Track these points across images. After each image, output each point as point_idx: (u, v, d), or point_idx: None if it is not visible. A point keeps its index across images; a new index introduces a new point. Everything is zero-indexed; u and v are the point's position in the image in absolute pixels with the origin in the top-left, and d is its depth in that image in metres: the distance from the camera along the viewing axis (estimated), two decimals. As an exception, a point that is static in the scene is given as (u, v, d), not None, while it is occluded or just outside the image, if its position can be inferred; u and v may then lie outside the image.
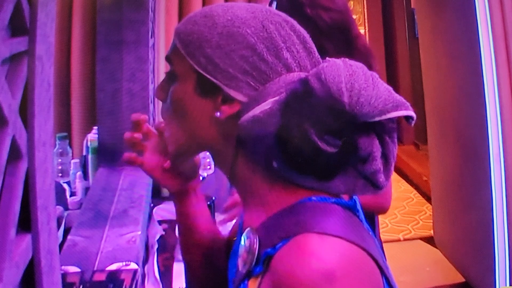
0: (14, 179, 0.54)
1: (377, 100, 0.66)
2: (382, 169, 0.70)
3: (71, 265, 1.23)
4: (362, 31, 6.00)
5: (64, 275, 1.16)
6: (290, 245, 0.65)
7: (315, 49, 0.76)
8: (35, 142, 0.56)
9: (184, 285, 1.17)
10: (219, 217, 1.67)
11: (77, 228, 1.48)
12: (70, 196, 1.90)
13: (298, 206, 0.71)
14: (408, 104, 0.68)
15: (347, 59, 0.69)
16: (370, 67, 1.80)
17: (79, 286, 1.14)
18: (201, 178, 2.21)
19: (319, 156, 0.68)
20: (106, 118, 1.96)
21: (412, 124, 0.69)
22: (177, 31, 0.79)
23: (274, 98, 0.70)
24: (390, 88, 0.69)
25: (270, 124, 0.69)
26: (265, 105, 0.70)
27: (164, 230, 1.67)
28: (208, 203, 1.10)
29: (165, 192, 2.00)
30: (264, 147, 0.71)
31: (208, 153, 2.22)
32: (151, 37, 2.02)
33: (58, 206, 1.73)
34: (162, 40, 2.50)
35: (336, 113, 0.66)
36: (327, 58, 0.72)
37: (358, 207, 0.76)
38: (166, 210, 1.82)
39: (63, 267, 1.19)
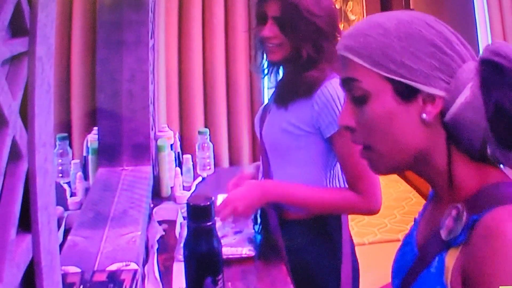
0: (14, 180, 0.54)
1: None
2: None
3: (71, 265, 1.23)
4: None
5: (64, 275, 1.16)
6: (502, 209, 0.70)
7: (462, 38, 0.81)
8: (35, 143, 0.56)
9: (184, 285, 1.17)
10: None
11: (77, 229, 1.48)
12: (70, 196, 1.90)
13: (503, 185, 0.75)
14: None
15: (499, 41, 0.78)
16: None
17: (79, 286, 1.14)
18: (201, 178, 2.20)
19: None
20: (106, 119, 1.95)
21: None
22: (348, 48, 0.78)
23: (470, 84, 0.74)
24: None
25: (478, 106, 0.73)
26: (466, 92, 0.74)
27: (164, 230, 1.67)
28: (208, 203, 1.11)
29: (165, 192, 2.01)
30: (480, 131, 0.74)
31: (207, 158, 2.17)
32: (151, 38, 2.02)
33: (58, 207, 1.73)
34: (162, 41, 2.49)
35: None
36: None
37: None
38: (166, 210, 1.82)
39: (63, 267, 1.19)
